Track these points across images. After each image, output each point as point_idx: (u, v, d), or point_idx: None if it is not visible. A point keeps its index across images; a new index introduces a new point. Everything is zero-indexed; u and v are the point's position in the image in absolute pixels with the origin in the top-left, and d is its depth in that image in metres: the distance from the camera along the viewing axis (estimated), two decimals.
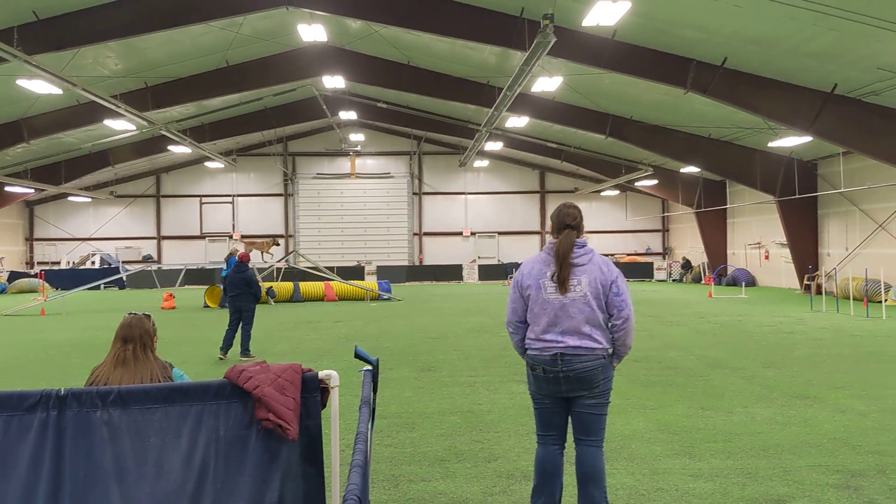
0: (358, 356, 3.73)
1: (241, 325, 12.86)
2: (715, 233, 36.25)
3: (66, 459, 3.38)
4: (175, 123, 28.94)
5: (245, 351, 12.67)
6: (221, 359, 12.48)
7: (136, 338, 4.19)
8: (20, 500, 3.34)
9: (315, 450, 3.59)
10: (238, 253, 26.13)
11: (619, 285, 4.59)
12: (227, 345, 12.73)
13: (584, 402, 4.57)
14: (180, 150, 34.13)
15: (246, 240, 30.17)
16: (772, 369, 10.72)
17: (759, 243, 33.23)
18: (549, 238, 4.81)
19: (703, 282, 36.23)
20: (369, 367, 3.71)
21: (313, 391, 3.61)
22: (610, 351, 4.60)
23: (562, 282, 4.52)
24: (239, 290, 12.91)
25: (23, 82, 20.38)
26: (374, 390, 3.65)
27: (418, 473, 5.94)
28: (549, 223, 4.90)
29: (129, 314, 4.41)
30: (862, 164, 24.69)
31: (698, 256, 38.49)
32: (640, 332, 15.57)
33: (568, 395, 4.59)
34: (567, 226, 4.64)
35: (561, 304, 4.51)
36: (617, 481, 5.71)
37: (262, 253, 32.40)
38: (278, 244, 31.41)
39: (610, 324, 4.57)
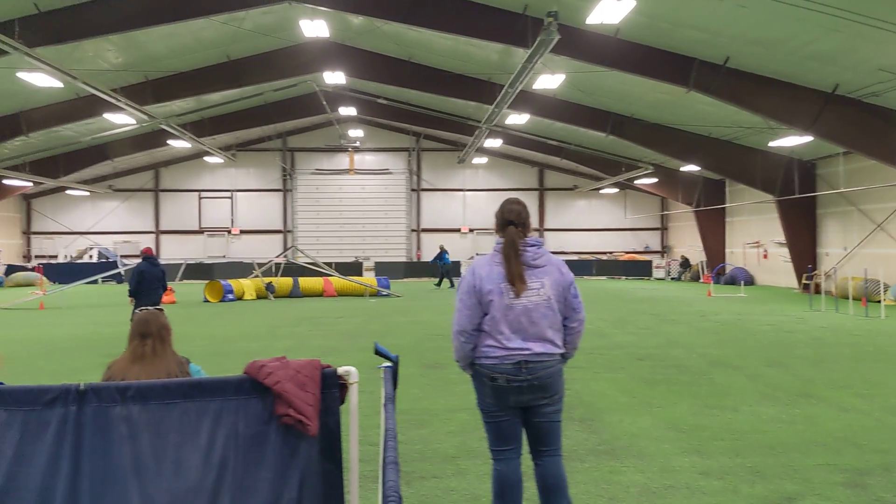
0: (378, 353, 3.72)
1: None
2: (714, 231, 36.31)
3: (85, 456, 3.34)
4: (175, 118, 28.90)
5: None
6: None
7: (153, 333, 4.17)
8: (38, 497, 3.31)
9: (334, 446, 3.58)
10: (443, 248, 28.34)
11: (576, 286, 4.42)
12: None
13: (543, 410, 4.31)
14: (180, 144, 34.06)
15: None
16: (774, 368, 10.74)
17: (757, 242, 33.30)
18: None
19: (701, 280, 36.29)
20: (389, 364, 3.70)
21: (332, 387, 3.60)
22: (562, 354, 4.40)
23: (516, 283, 4.21)
24: (158, 283, 13.16)
25: (23, 75, 20.32)
26: (395, 387, 3.64)
27: (430, 471, 5.94)
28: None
29: (142, 310, 4.41)
30: (861, 165, 24.73)
31: (697, 255, 38.55)
32: (642, 329, 15.61)
33: (527, 405, 4.31)
34: (510, 222, 4.34)
35: (524, 310, 4.22)
36: (627, 479, 5.72)
37: None
38: None
39: (566, 326, 4.38)
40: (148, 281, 13.09)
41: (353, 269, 36.96)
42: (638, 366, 10.95)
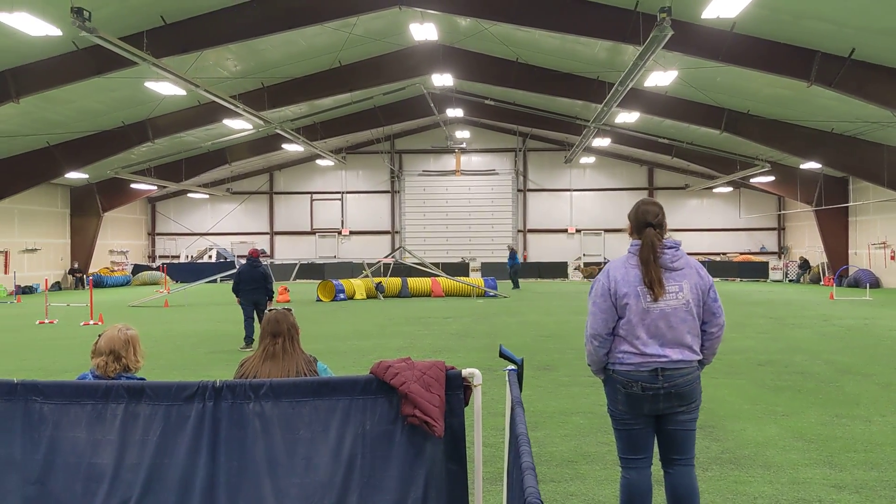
0: (503, 356, 3.71)
1: (257, 317, 13.56)
2: (835, 231, 34.55)
3: (222, 450, 3.48)
4: (289, 122, 29.79)
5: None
6: (245, 349, 13.18)
7: (283, 332, 4.31)
8: (178, 487, 3.47)
9: (458, 447, 3.60)
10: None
11: (715, 289, 4.27)
12: (250, 335, 13.40)
13: (678, 418, 4.17)
14: (293, 148, 35.14)
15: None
16: None
17: (884, 243, 31.48)
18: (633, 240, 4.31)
19: (821, 283, 34.65)
20: (514, 367, 3.68)
21: (457, 389, 3.62)
22: (700, 360, 4.24)
23: (653, 287, 4.08)
24: (256, 284, 13.63)
25: (150, 84, 21.45)
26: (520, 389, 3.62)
27: (547, 474, 5.88)
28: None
29: (271, 310, 4.55)
30: None
31: (817, 256, 36.82)
32: (761, 333, 15.03)
33: (662, 413, 4.17)
34: (648, 224, 4.22)
35: (662, 314, 4.08)
36: (755, 490, 5.50)
37: None
38: None
39: (704, 331, 4.21)
40: (245, 282, 13.71)
41: (459, 269, 37.15)
42: (759, 371, 10.54)
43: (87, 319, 18.65)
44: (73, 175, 30.90)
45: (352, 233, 44.09)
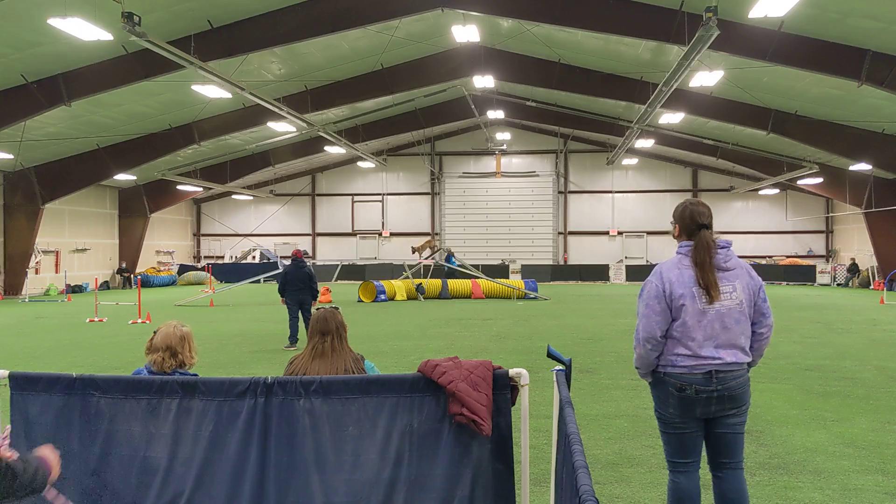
0: (550, 356, 3.71)
1: (302, 316, 13.79)
2: (886, 234, 33.67)
3: (272, 445, 3.54)
4: (331, 125, 30.05)
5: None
6: (289, 348, 13.42)
7: (332, 330, 4.36)
8: (230, 481, 3.54)
9: (505, 447, 3.61)
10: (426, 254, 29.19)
11: (764, 290, 4.21)
12: (295, 334, 13.64)
13: (728, 421, 4.14)
14: (335, 150, 35.43)
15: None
16: None
17: None
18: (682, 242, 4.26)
19: (871, 287, 33.88)
20: (562, 367, 3.68)
21: (503, 389, 3.63)
22: (749, 362, 4.21)
23: (709, 290, 4.04)
24: (302, 284, 13.83)
25: (197, 87, 21.79)
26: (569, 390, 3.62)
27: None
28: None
29: (318, 309, 4.61)
30: None
31: (867, 259, 36.01)
32: (807, 338, 14.76)
33: (713, 416, 4.13)
34: (702, 225, 4.18)
35: (718, 315, 4.04)
36: (805, 496, 5.42)
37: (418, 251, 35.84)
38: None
39: (753, 332, 4.18)
40: (291, 282, 13.93)
41: (499, 271, 37.10)
42: (806, 377, 10.35)
43: (135, 318, 19.02)
44: (122, 177, 31.53)
45: (392, 234, 44.29)
